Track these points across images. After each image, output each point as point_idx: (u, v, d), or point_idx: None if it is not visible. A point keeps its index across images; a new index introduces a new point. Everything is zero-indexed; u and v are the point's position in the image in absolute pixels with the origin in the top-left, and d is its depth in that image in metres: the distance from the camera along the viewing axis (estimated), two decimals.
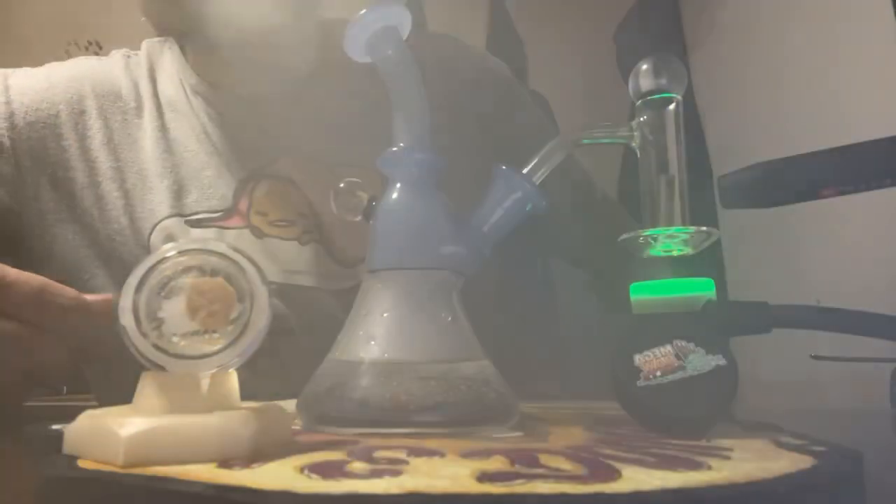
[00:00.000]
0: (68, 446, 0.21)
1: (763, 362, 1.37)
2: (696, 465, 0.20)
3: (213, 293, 0.23)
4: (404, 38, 0.34)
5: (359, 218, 0.34)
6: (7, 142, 0.58)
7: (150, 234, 0.56)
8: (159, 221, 0.57)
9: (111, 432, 0.20)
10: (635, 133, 0.34)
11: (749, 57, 1.49)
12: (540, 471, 0.19)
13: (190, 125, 0.61)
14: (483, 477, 0.18)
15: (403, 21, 0.33)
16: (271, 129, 0.61)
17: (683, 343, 0.28)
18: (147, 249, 0.56)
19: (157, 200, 0.58)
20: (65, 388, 1.48)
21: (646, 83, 0.33)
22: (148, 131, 0.60)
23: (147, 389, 0.22)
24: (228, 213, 0.58)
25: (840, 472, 0.19)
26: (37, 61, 0.70)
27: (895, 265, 1.02)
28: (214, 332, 0.23)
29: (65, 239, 0.58)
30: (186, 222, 0.57)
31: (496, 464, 0.20)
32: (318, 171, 0.59)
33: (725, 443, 0.25)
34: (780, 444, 0.24)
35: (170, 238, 0.56)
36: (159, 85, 0.63)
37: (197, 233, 0.56)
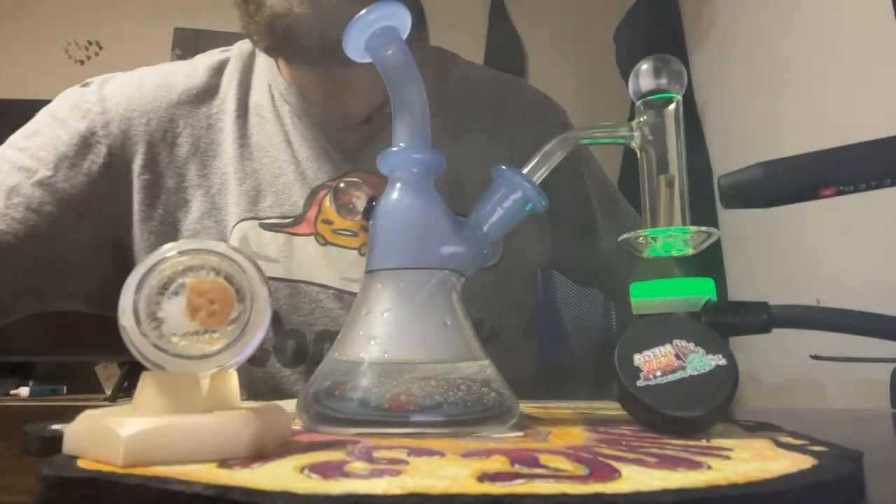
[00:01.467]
0: (68, 446, 0.21)
1: (763, 362, 1.37)
2: (696, 465, 0.20)
3: (213, 293, 0.23)
4: (404, 38, 0.34)
5: (359, 218, 0.34)
6: (105, 149, 0.60)
7: (230, 235, 0.59)
8: (237, 223, 0.60)
9: (111, 432, 0.20)
10: (635, 133, 0.34)
11: (749, 57, 1.49)
12: (540, 471, 0.19)
13: (273, 132, 0.63)
14: (483, 477, 0.18)
15: (403, 21, 0.33)
16: (351, 146, 0.63)
17: (683, 343, 0.28)
18: None
19: (235, 203, 0.60)
20: (65, 388, 1.48)
21: (646, 83, 0.33)
22: (231, 135, 0.63)
23: (147, 389, 0.22)
24: (298, 220, 0.61)
25: (840, 472, 0.19)
26: (37, 61, 0.71)
27: (894, 265, 1.02)
28: (214, 332, 0.23)
29: (143, 238, 0.60)
30: (261, 226, 0.60)
31: (496, 464, 0.20)
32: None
33: (725, 443, 0.25)
34: (780, 444, 0.24)
35: (245, 240, 0.59)
36: (252, 90, 0.65)
37: (269, 236, 0.59)
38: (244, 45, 0.68)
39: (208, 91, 0.65)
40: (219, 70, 0.66)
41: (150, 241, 0.60)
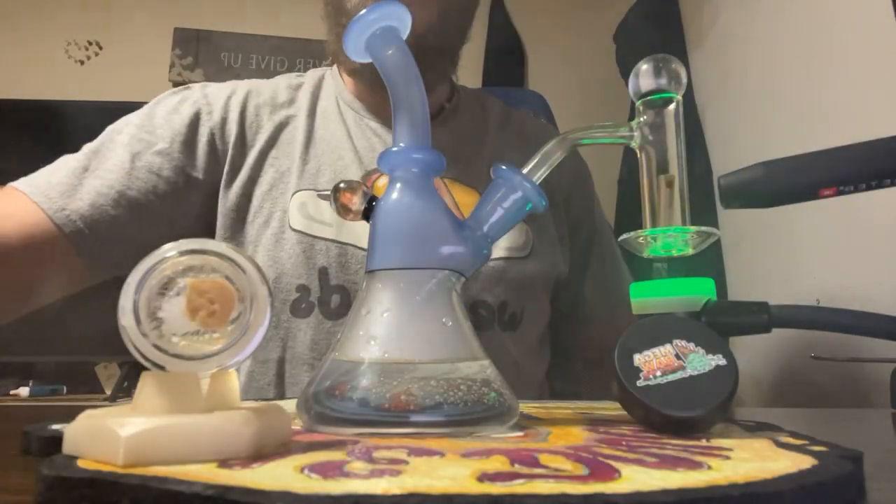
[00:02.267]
0: (68, 446, 0.21)
1: (763, 362, 1.37)
2: (696, 465, 0.20)
3: (213, 293, 0.23)
4: (404, 38, 0.34)
5: (359, 218, 0.34)
6: (207, 130, 0.72)
7: (290, 200, 0.68)
8: (297, 191, 0.69)
9: (111, 432, 0.20)
10: (635, 133, 0.34)
11: (749, 56, 1.49)
12: (540, 471, 0.19)
13: (336, 128, 0.74)
14: (483, 477, 0.18)
15: (403, 21, 0.33)
16: None
17: (683, 343, 0.28)
18: (285, 212, 0.68)
19: (298, 177, 0.70)
20: (64, 388, 1.48)
21: (646, 83, 0.33)
22: (302, 132, 0.74)
23: (147, 389, 0.22)
24: None
25: (840, 472, 0.19)
26: (37, 61, 0.72)
27: (895, 265, 1.02)
28: (214, 332, 0.23)
29: (223, 203, 0.70)
30: (318, 195, 0.69)
31: (496, 464, 0.20)
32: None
33: (725, 443, 0.25)
34: (780, 444, 0.24)
35: (304, 206, 0.68)
36: (320, 100, 0.78)
37: (325, 204, 0.68)
38: (316, 73, 0.82)
39: (287, 100, 0.77)
40: (296, 87, 0.79)
41: (226, 206, 0.70)
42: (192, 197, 0.70)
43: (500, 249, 0.70)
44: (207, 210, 0.72)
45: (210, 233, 0.74)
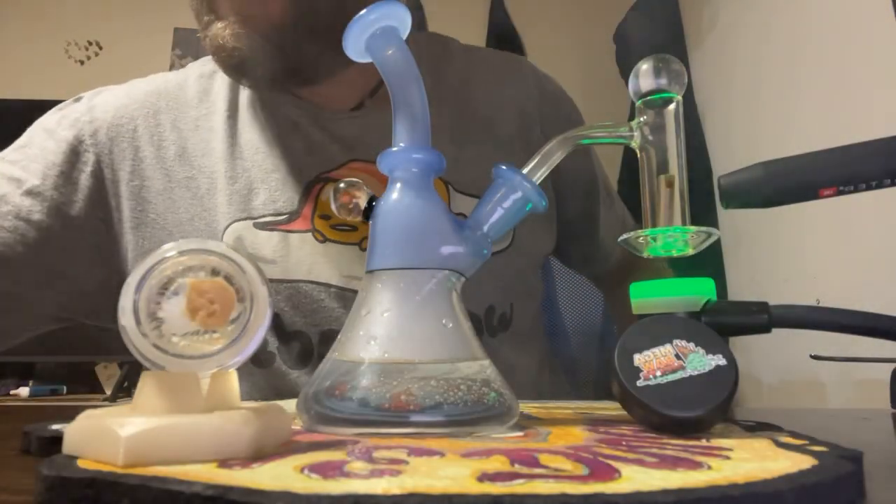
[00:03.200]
0: (68, 446, 0.21)
1: (763, 362, 1.38)
2: (696, 465, 0.20)
3: (213, 293, 0.23)
4: (404, 37, 0.34)
5: (359, 218, 0.34)
6: (93, 157, 0.60)
7: (223, 236, 0.58)
8: (230, 224, 0.58)
9: (111, 432, 0.20)
10: (635, 133, 0.34)
11: (749, 56, 1.49)
12: (540, 471, 0.19)
13: (265, 128, 0.62)
14: (483, 477, 0.18)
15: (403, 21, 0.33)
16: (345, 134, 0.62)
17: (683, 343, 0.28)
18: None
19: (226, 203, 0.59)
20: (64, 388, 1.48)
21: (646, 83, 0.33)
22: (221, 135, 0.62)
23: (147, 389, 0.22)
24: (293, 216, 0.59)
25: (840, 472, 0.19)
26: (37, 61, 0.71)
27: (894, 265, 1.02)
28: (214, 332, 0.23)
29: (138, 244, 0.60)
30: (255, 225, 0.58)
31: (496, 464, 0.20)
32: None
33: (725, 443, 0.25)
34: (780, 444, 0.24)
35: (239, 240, 0.58)
36: (242, 90, 0.64)
37: (264, 236, 0.58)
38: None
39: (198, 95, 0.64)
40: (210, 75, 0.66)
41: (144, 247, 0.59)
42: (76, 243, 0.58)
43: None
44: (107, 257, 0.59)
45: (117, 285, 0.61)
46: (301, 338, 0.57)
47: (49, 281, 0.58)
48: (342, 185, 0.34)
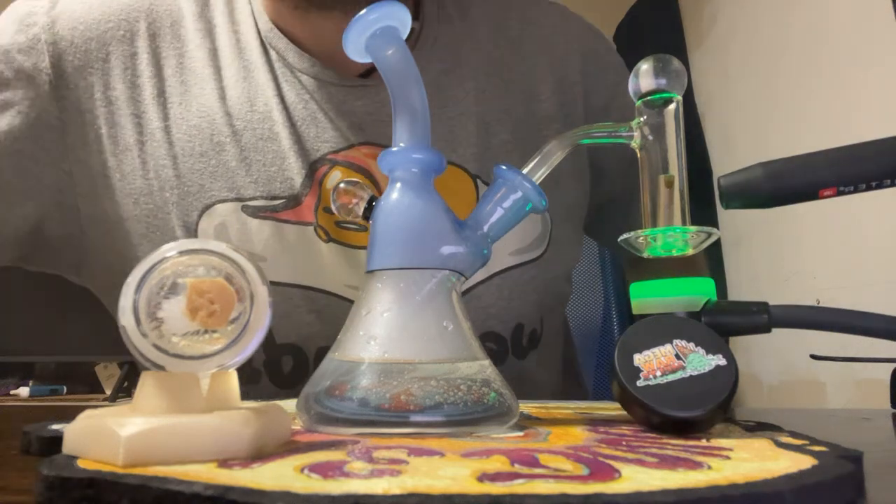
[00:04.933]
0: (68, 446, 0.21)
1: (763, 362, 1.37)
2: (696, 465, 0.20)
3: (213, 293, 0.23)
4: (404, 38, 0.34)
5: (359, 218, 0.34)
6: (49, 89, 0.49)
7: (199, 217, 0.48)
8: (212, 204, 0.48)
9: (111, 432, 0.20)
10: (635, 133, 0.34)
11: (749, 57, 1.49)
12: (540, 471, 0.19)
13: (263, 82, 0.50)
14: (483, 477, 0.18)
15: (403, 21, 0.33)
16: (355, 109, 0.51)
17: (683, 343, 0.28)
18: (194, 234, 0.47)
19: (209, 172, 0.48)
20: (64, 388, 1.48)
21: (646, 83, 0.33)
22: (209, 81, 0.50)
23: (147, 389, 0.22)
24: (291, 202, 0.48)
25: (840, 472, 0.19)
26: None
27: (894, 265, 1.02)
28: (214, 332, 0.23)
29: (97, 215, 0.50)
30: (244, 209, 0.48)
31: (496, 464, 0.20)
32: None
33: (725, 443, 0.25)
34: (780, 444, 0.24)
35: (222, 228, 0.47)
36: (239, 24, 0.51)
37: (254, 225, 0.47)
38: None
39: (185, 15, 0.51)
40: None
41: (102, 218, 0.50)
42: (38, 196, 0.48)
43: (506, 254, 0.52)
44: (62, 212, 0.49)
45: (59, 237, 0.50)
46: (294, 352, 0.49)
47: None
48: (342, 185, 0.34)
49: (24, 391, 1.39)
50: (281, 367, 0.49)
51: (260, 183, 0.48)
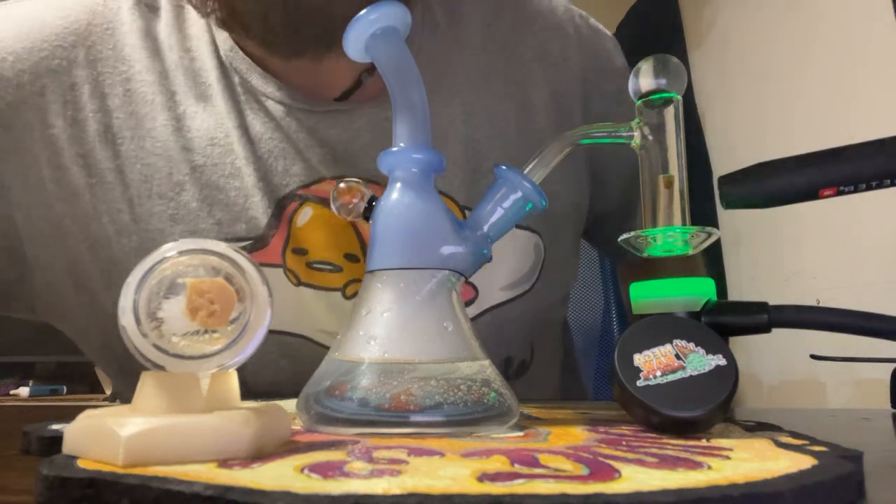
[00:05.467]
0: (68, 446, 0.21)
1: (763, 362, 1.37)
2: (696, 465, 0.20)
3: (213, 293, 0.23)
4: (404, 38, 0.34)
5: (360, 218, 0.34)
6: None
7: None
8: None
9: (111, 432, 0.20)
10: (635, 133, 0.34)
11: (749, 56, 1.49)
12: (540, 471, 0.19)
13: (223, 111, 0.45)
14: (483, 477, 0.18)
15: (403, 21, 0.33)
16: (329, 137, 0.46)
17: (683, 343, 0.28)
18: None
19: (168, 216, 0.43)
20: (64, 388, 1.48)
21: (646, 83, 0.33)
22: (163, 111, 0.44)
23: (147, 389, 0.22)
24: (258, 243, 0.45)
25: (840, 472, 0.19)
26: None
27: (894, 265, 1.02)
28: (214, 332, 0.23)
29: (53, 261, 0.45)
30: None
31: (496, 464, 0.20)
32: None
33: (725, 443, 0.25)
34: (780, 444, 0.24)
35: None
36: (191, 44, 0.45)
37: None
38: None
39: (128, 39, 0.45)
40: (152, 8, 0.46)
41: (48, 265, 0.45)
42: None
43: (497, 289, 0.49)
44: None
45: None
46: (269, 399, 0.46)
47: None
48: (342, 185, 0.34)
49: (24, 391, 1.39)
50: None
51: (224, 224, 0.44)
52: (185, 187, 0.44)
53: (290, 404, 0.32)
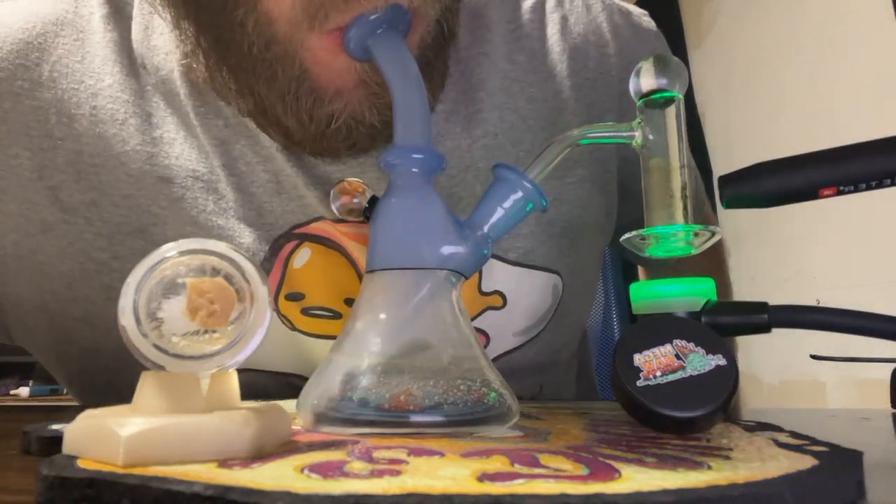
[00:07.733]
0: (68, 446, 0.21)
1: (763, 362, 1.37)
2: (696, 465, 0.20)
3: (213, 293, 0.23)
4: (404, 38, 0.34)
5: (360, 218, 0.34)
6: None
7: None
8: None
9: (111, 432, 0.20)
10: (635, 133, 0.34)
11: (749, 56, 1.49)
12: (540, 471, 0.19)
13: (207, 139, 0.40)
14: (483, 477, 0.18)
15: (404, 21, 0.33)
16: (324, 177, 0.41)
17: (683, 343, 0.28)
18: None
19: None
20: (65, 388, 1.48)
21: (646, 83, 0.33)
22: (134, 135, 0.39)
23: (147, 389, 0.22)
24: None
25: (840, 472, 0.19)
26: None
27: (894, 265, 1.02)
28: (214, 332, 0.23)
29: (20, 298, 0.41)
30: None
31: (496, 464, 0.20)
32: None
33: (725, 443, 0.25)
34: (780, 444, 0.24)
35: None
36: (158, 60, 0.40)
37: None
38: None
39: (107, 52, 0.40)
40: (118, 10, 0.41)
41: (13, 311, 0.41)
42: None
43: (510, 336, 0.45)
44: None
45: None
46: None
47: None
48: (343, 183, 0.34)
49: (24, 391, 1.39)
50: None
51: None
52: (166, 221, 0.39)
53: (290, 404, 0.32)
